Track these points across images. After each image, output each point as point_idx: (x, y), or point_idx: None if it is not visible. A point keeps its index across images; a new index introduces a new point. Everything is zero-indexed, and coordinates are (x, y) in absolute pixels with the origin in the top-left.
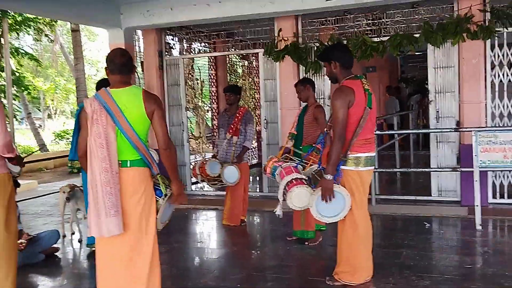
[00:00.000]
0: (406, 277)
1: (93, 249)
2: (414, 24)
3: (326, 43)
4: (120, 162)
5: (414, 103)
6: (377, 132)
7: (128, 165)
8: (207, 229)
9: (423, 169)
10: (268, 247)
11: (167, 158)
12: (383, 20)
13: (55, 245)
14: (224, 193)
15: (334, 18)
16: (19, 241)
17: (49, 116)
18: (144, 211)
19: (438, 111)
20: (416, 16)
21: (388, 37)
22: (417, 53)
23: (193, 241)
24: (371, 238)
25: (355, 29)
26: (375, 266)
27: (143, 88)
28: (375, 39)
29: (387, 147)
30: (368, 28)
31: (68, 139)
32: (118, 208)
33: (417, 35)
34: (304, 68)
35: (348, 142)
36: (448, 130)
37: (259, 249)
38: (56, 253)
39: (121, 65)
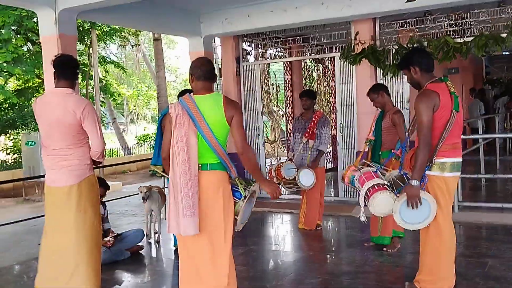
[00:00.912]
0: None
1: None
2: (500, 24)
3: (405, 45)
4: (200, 165)
5: (501, 105)
6: (462, 136)
7: (208, 168)
8: (282, 233)
9: (510, 175)
10: (344, 252)
11: (246, 161)
12: (466, 20)
13: (139, 244)
14: (299, 197)
15: (414, 19)
16: (107, 239)
17: (132, 121)
18: (223, 212)
19: None
20: (503, 15)
21: (472, 38)
22: (504, 53)
23: (269, 244)
24: (454, 247)
25: (437, 30)
26: (458, 276)
27: (223, 94)
28: (458, 40)
29: (471, 152)
30: (450, 29)
31: (149, 142)
32: (195, 209)
33: (504, 35)
34: (382, 71)
35: (434, 147)
36: None
37: (335, 254)
38: (140, 251)
39: (207, 72)
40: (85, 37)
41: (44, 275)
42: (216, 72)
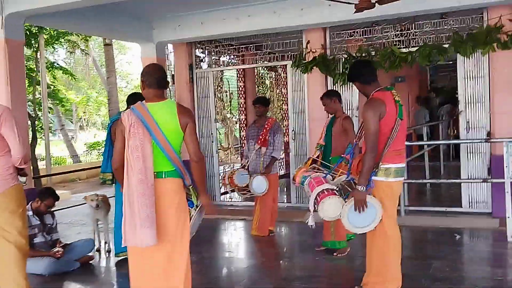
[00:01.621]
0: None
1: (122, 258)
2: (443, 35)
3: (354, 55)
4: (155, 173)
5: (445, 113)
6: (406, 142)
7: (164, 176)
8: (235, 239)
9: (454, 180)
10: (297, 257)
11: (197, 169)
12: (411, 30)
13: (89, 254)
14: (253, 203)
15: (362, 29)
16: (55, 249)
17: (81, 128)
18: (179, 221)
19: (468, 122)
20: (446, 27)
21: (417, 48)
22: (447, 63)
23: (222, 251)
24: (400, 249)
25: (384, 40)
26: (404, 278)
27: (176, 101)
28: (404, 50)
29: (416, 158)
30: (396, 39)
31: (99, 150)
32: (153, 219)
33: (446, 46)
34: (332, 79)
35: (380, 153)
36: (479, 141)
37: (288, 259)
38: (91, 262)
39: (158, 79)
40: (32, 41)
41: None
42: (169, 78)
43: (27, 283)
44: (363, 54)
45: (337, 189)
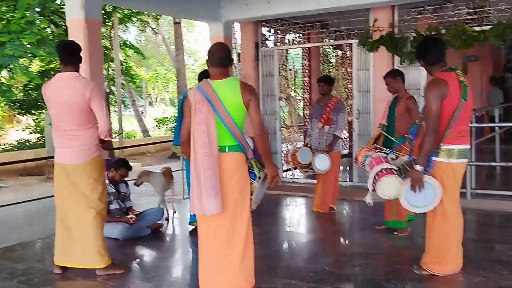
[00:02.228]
0: (497, 272)
1: (193, 227)
2: None
3: (423, 33)
4: (219, 147)
5: None
6: (477, 124)
7: (227, 150)
8: (297, 215)
9: None
10: (356, 234)
11: (261, 142)
12: (485, 8)
13: (159, 222)
14: (315, 181)
15: (432, 7)
16: (129, 216)
17: (150, 104)
18: (240, 192)
19: None
20: None
21: (490, 26)
22: None
23: (284, 225)
24: (461, 231)
25: (455, 18)
26: (465, 259)
27: (240, 79)
28: (476, 28)
29: (487, 141)
30: (468, 17)
31: (168, 125)
32: (218, 190)
33: None
34: (399, 58)
35: (441, 134)
36: None
37: (348, 236)
38: (160, 229)
39: (221, 58)
40: (107, 20)
41: (60, 252)
42: (235, 57)
43: (105, 245)
44: (433, 33)
45: (397, 168)
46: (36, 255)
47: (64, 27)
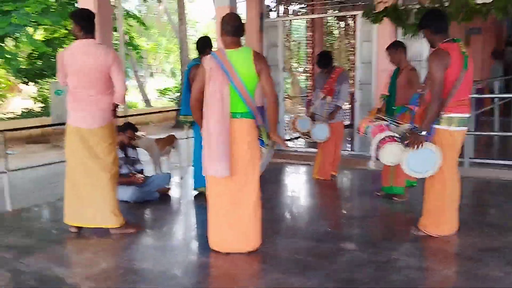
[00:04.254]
0: (489, 234)
1: (199, 192)
2: None
3: (426, 6)
4: (231, 114)
5: None
6: (477, 95)
7: (238, 116)
8: (298, 182)
9: None
10: (356, 199)
11: (272, 109)
12: None
13: (167, 186)
14: (315, 150)
15: None
16: (138, 176)
17: (151, 75)
18: (251, 157)
19: None
20: None
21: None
22: None
23: (286, 191)
24: (458, 195)
25: None
26: (460, 222)
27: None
28: (479, 1)
29: (487, 112)
30: None
31: (170, 96)
32: (228, 154)
33: None
34: (402, 30)
35: (443, 103)
36: None
37: (347, 201)
38: (168, 193)
39: (234, 27)
40: None
41: (72, 213)
42: None
43: (119, 206)
44: (436, 5)
45: (399, 136)
46: (51, 216)
47: None
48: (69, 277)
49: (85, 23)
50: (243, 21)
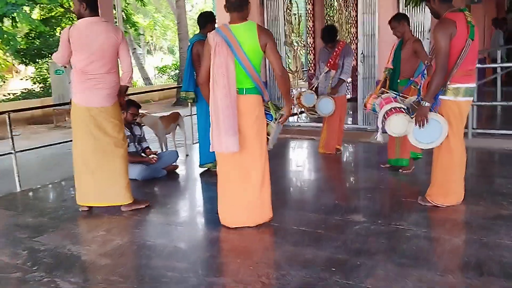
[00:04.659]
0: (496, 202)
1: (205, 169)
2: None
3: None
4: (237, 89)
5: None
6: (479, 65)
7: (244, 92)
8: (304, 156)
9: None
10: (362, 172)
11: (282, 83)
12: None
13: (174, 163)
14: (319, 124)
15: None
16: (151, 156)
17: (148, 52)
18: (258, 132)
19: None
20: None
21: None
22: None
23: (292, 165)
24: (464, 165)
25: None
26: (466, 192)
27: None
28: None
29: (489, 82)
30: None
31: (169, 73)
32: (236, 129)
33: None
34: (404, 1)
35: (449, 73)
36: None
37: (354, 173)
38: (175, 170)
39: (235, 3)
40: None
41: (83, 193)
42: None
43: (129, 182)
44: None
45: (406, 107)
46: (61, 196)
47: None
48: (85, 254)
49: (89, 0)
50: None
